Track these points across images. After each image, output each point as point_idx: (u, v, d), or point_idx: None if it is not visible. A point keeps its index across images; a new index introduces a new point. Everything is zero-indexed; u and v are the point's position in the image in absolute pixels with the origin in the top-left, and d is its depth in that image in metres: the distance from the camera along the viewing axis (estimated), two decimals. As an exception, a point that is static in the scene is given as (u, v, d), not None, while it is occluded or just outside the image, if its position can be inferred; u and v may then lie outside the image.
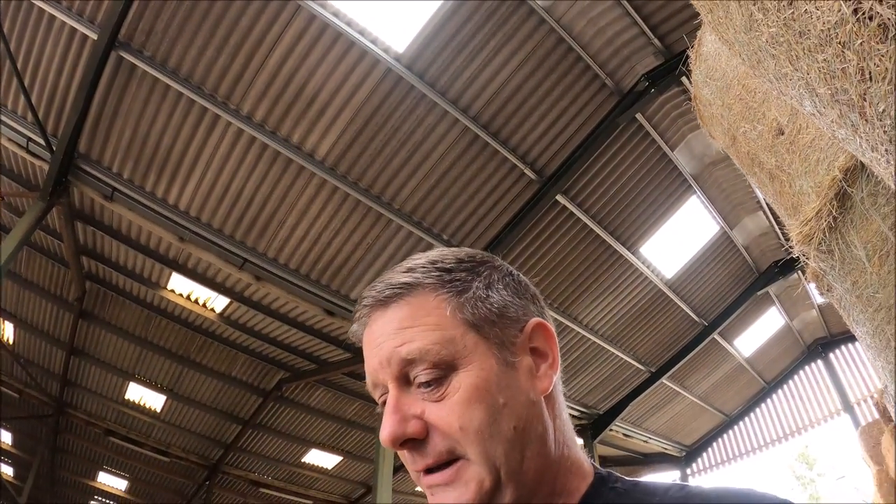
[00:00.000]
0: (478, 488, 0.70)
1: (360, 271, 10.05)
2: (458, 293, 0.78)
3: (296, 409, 14.31)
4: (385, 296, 0.78)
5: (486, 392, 0.72)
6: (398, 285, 0.78)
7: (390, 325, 0.76)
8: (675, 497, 0.70)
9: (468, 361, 0.74)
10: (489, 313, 0.78)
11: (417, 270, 0.79)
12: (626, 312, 12.43)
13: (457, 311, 0.76)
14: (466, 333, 0.75)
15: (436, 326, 0.75)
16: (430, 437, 0.72)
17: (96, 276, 11.16)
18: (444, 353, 0.73)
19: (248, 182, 8.79)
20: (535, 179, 9.44)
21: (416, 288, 0.78)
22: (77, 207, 9.45)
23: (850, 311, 2.99)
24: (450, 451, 0.72)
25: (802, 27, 1.56)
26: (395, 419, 0.72)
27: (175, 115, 8.03)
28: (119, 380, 13.75)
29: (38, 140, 8.07)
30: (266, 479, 17.38)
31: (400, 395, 0.74)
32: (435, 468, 0.73)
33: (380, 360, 0.76)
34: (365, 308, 0.80)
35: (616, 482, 0.77)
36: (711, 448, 18.38)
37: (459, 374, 0.73)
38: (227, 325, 11.70)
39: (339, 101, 8.04)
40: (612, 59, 8.55)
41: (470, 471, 0.71)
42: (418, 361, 0.73)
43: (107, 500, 19.35)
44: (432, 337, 0.74)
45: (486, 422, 0.71)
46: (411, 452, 0.74)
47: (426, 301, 0.77)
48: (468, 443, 0.70)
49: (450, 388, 0.73)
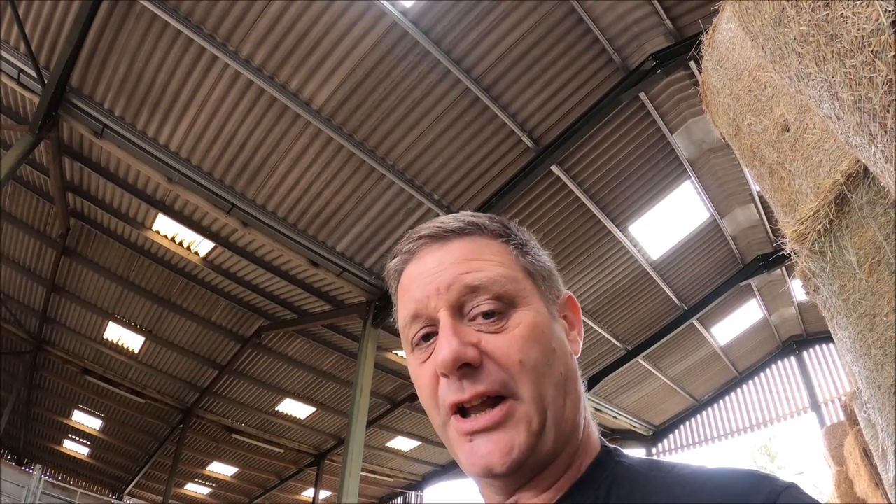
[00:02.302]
0: (527, 428, 0.70)
1: (348, 224, 10.05)
2: (519, 245, 0.81)
3: (273, 357, 14.39)
4: (448, 229, 0.80)
5: (543, 334, 0.75)
6: (464, 222, 0.80)
7: (451, 255, 0.77)
8: (681, 474, 0.70)
9: (527, 302, 0.76)
10: (543, 269, 0.82)
11: (481, 217, 0.82)
12: (608, 288, 12.56)
13: (520, 257, 0.80)
14: (526, 279, 0.78)
15: (501, 264, 0.77)
16: (484, 366, 0.72)
17: (81, 213, 11.03)
18: (510, 287, 0.75)
19: (241, 126, 8.68)
20: (532, 148, 9.42)
21: (483, 229, 0.81)
22: (66, 143, 9.29)
23: (833, 313, 3.01)
24: (503, 383, 0.71)
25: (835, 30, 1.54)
26: (456, 340, 0.71)
27: (172, 54, 7.87)
28: (99, 319, 13.71)
29: (30, 72, 7.87)
30: (239, 425, 17.54)
31: (455, 322, 0.74)
32: (474, 411, 0.72)
33: (437, 286, 0.75)
34: (419, 241, 0.81)
35: (621, 456, 0.79)
36: (679, 430, 18.80)
37: (519, 311, 0.75)
38: (211, 269, 11.67)
39: (341, 51, 7.91)
40: (621, 34, 8.46)
41: (520, 410, 0.71)
42: (482, 290, 0.74)
43: (81, 438, 19.41)
44: (499, 270, 0.76)
45: (542, 361, 0.73)
46: (462, 380, 0.72)
47: (490, 242, 0.80)
48: (524, 377, 0.71)
49: (510, 321, 0.74)
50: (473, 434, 0.71)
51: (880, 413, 2.69)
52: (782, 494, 0.61)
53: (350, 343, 13.60)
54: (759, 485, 0.63)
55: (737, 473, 0.66)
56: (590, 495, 0.72)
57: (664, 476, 0.71)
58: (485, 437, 0.71)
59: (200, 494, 22.57)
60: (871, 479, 6.86)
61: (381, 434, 17.99)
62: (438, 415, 0.76)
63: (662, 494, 0.68)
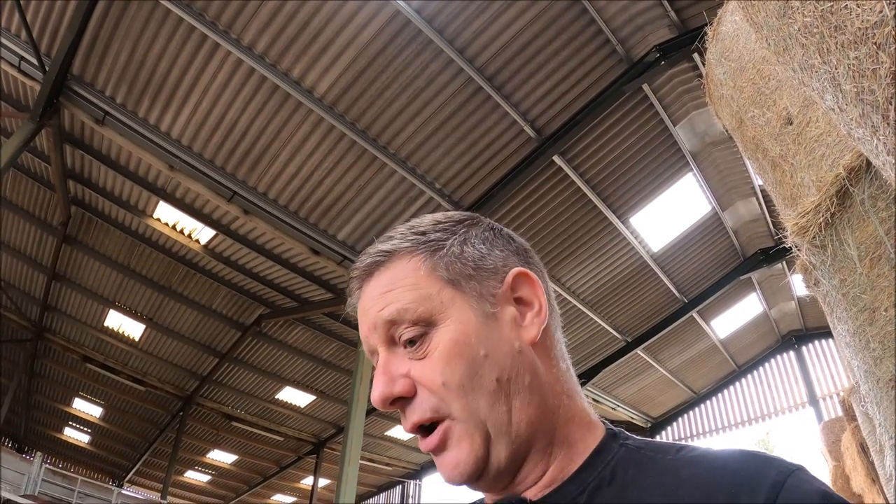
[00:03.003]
0: (470, 446, 0.71)
1: (350, 213, 10.05)
2: (433, 252, 0.79)
3: (273, 345, 14.43)
4: (367, 264, 0.80)
5: (466, 345, 0.73)
6: (378, 253, 0.80)
7: (374, 291, 0.78)
8: (689, 457, 0.70)
9: (445, 317, 0.74)
10: (464, 268, 0.78)
11: (395, 237, 0.81)
12: (608, 280, 12.57)
13: (431, 269, 0.77)
14: (443, 290, 0.76)
15: (412, 287, 0.76)
16: (417, 394, 0.73)
17: (82, 201, 11.04)
18: (421, 310, 0.74)
19: (243, 114, 8.67)
20: (534, 137, 9.41)
21: (395, 254, 0.79)
22: (67, 130, 9.28)
23: (833, 307, 3.00)
24: (434, 408, 0.72)
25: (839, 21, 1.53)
26: (383, 380, 0.74)
27: (174, 41, 7.84)
28: (99, 307, 13.75)
29: (31, 59, 7.83)
30: (239, 413, 17.63)
31: (389, 356, 0.76)
32: (427, 429, 0.74)
33: (368, 327, 0.78)
34: (354, 281, 0.83)
35: (627, 439, 0.78)
36: (677, 422, 18.86)
37: (439, 331, 0.74)
38: (212, 257, 11.69)
39: (344, 39, 7.88)
40: (625, 25, 8.43)
41: (457, 429, 0.72)
42: (398, 321, 0.74)
43: (81, 426, 19.51)
44: (409, 296, 0.75)
45: (467, 375, 0.72)
46: (402, 410, 0.75)
47: (403, 264, 0.78)
48: (451, 398, 0.71)
49: (431, 344, 0.74)
50: (431, 451, 0.74)
51: (878, 408, 2.69)
52: (791, 476, 0.61)
53: (350, 332, 13.64)
54: (768, 466, 0.63)
55: (745, 455, 0.66)
56: (593, 478, 0.72)
57: (671, 458, 0.71)
58: (437, 454, 0.74)
59: (200, 482, 22.73)
60: (867, 475, 6.85)
61: (380, 423, 18.07)
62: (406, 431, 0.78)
63: (669, 476, 0.68)
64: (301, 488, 23.43)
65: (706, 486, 0.63)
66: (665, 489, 0.66)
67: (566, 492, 0.72)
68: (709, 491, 0.63)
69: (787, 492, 0.59)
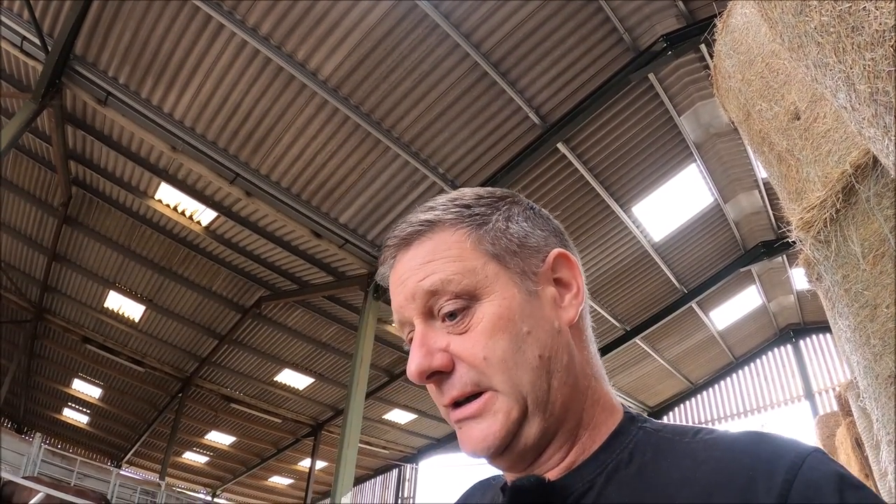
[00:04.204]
0: (505, 418, 0.71)
1: (352, 196, 10.05)
2: (478, 226, 0.78)
3: (273, 327, 14.47)
4: (408, 233, 0.79)
5: (510, 321, 0.73)
6: (420, 223, 0.79)
7: (413, 261, 0.77)
8: (707, 439, 0.70)
9: (490, 291, 0.74)
10: (509, 243, 0.78)
11: (437, 208, 0.80)
12: (609, 268, 12.60)
13: (477, 242, 0.77)
14: (487, 264, 0.75)
15: (457, 258, 0.75)
16: (455, 369, 0.73)
17: (83, 181, 11.02)
18: (466, 282, 0.73)
19: (246, 96, 8.63)
20: (538, 124, 9.39)
21: (437, 224, 0.78)
22: (69, 111, 9.24)
23: (835, 303, 3.00)
24: (475, 382, 0.72)
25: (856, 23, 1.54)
26: (421, 353, 0.73)
27: (178, 22, 7.78)
28: (99, 288, 13.76)
29: (34, 39, 7.78)
30: (238, 394, 17.72)
31: (426, 329, 0.75)
32: (463, 401, 0.73)
33: (405, 296, 0.76)
34: (390, 249, 0.81)
35: (645, 422, 0.78)
36: (673, 412, 19.01)
37: (483, 305, 0.73)
38: (213, 239, 11.69)
39: (349, 21, 7.83)
40: (633, 14, 8.39)
41: (498, 401, 0.71)
42: (441, 293, 0.73)
43: (81, 406, 19.58)
44: (453, 268, 0.74)
45: (511, 350, 0.71)
46: (438, 386, 0.74)
47: (447, 236, 0.77)
48: (493, 373, 0.71)
49: (473, 318, 0.73)
50: (460, 422, 0.73)
51: (876, 403, 2.71)
52: (808, 458, 0.61)
53: (350, 315, 13.68)
54: (785, 448, 0.63)
55: (762, 437, 0.67)
56: (611, 460, 0.72)
57: (688, 440, 0.71)
58: (468, 424, 0.72)
59: (198, 463, 22.88)
60: (861, 470, 6.88)
61: (379, 406, 18.15)
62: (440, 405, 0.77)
63: (687, 458, 0.68)
64: (299, 470, 23.57)
65: (724, 468, 0.64)
66: (683, 471, 0.66)
67: (585, 473, 0.72)
68: (727, 473, 0.63)
69: (804, 473, 0.59)
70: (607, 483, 0.70)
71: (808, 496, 0.57)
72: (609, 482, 0.70)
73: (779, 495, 0.58)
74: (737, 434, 0.69)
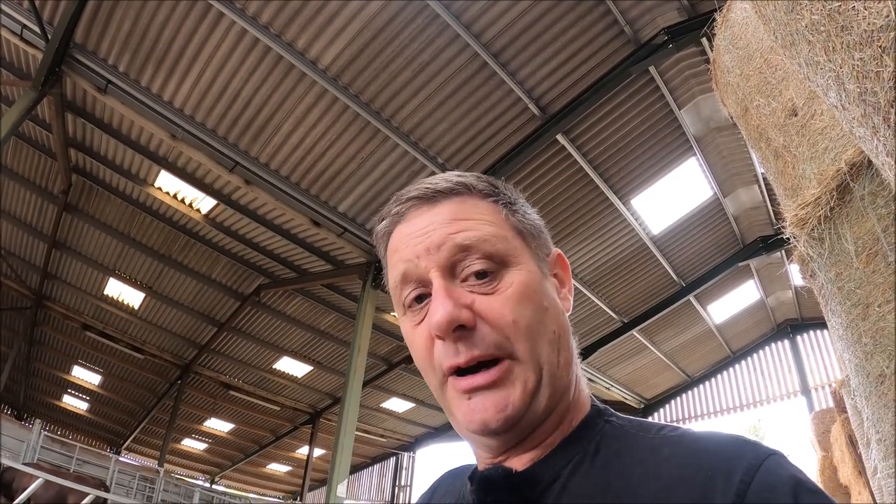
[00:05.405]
0: (523, 387, 0.71)
1: (351, 185, 10.06)
2: (508, 203, 0.81)
3: (272, 315, 14.52)
4: (437, 190, 0.79)
5: (535, 292, 0.74)
6: (452, 183, 0.79)
7: (440, 215, 0.76)
8: (670, 437, 0.71)
9: (518, 262, 0.75)
10: (533, 227, 0.82)
11: (468, 176, 0.81)
12: (607, 260, 12.63)
13: (509, 215, 0.79)
14: (516, 238, 0.78)
15: (491, 223, 0.76)
16: (478, 328, 0.71)
17: (83, 169, 11.02)
18: (500, 246, 0.74)
19: (246, 84, 8.62)
20: (538, 116, 9.38)
21: (470, 189, 0.79)
22: (69, 99, 9.23)
23: (828, 300, 3.02)
24: (498, 345, 0.71)
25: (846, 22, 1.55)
26: (450, 302, 0.71)
27: (178, 10, 7.76)
28: (99, 275, 13.80)
29: (34, 27, 7.75)
30: (236, 381, 17.81)
31: (447, 284, 0.73)
32: (471, 370, 0.71)
33: (426, 247, 0.75)
34: (407, 203, 0.80)
35: (611, 416, 0.79)
36: (669, 405, 19.10)
37: (511, 272, 0.74)
38: (212, 226, 11.71)
39: (350, 11, 7.80)
40: (634, 7, 8.36)
41: (516, 370, 0.71)
42: (473, 250, 0.73)
43: (80, 393, 19.67)
44: (490, 230, 0.75)
45: (536, 320, 0.73)
46: (457, 343, 0.72)
47: (480, 202, 0.79)
48: (519, 338, 0.71)
49: (503, 282, 0.73)
50: (472, 391, 0.71)
51: (867, 402, 2.73)
52: (766, 461, 0.62)
53: (349, 303, 13.72)
54: (745, 449, 0.64)
55: (724, 437, 0.68)
56: (577, 452, 0.73)
57: (652, 437, 0.72)
58: (482, 394, 0.71)
59: (197, 450, 23.00)
60: (855, 467, 6.90)
61: (376, 395, 18.25)
62: (435, 376, 0.75)
63: (650, 454, 0.69)
64: (296, 457, 23.71)
65: (685, 465, 0.65)
66: (646, 467, 0.67)
67: (551, 464, 0.73)
68: (688, 470, 0.64)
69: (761, 475, 0.60)
70: (573, 474, 0.71)
71: (764, 498, 0.58)
72: (574, 474, 0.71)
73: (735, 495, 0.59)
74: (700, 433, 0.70)
